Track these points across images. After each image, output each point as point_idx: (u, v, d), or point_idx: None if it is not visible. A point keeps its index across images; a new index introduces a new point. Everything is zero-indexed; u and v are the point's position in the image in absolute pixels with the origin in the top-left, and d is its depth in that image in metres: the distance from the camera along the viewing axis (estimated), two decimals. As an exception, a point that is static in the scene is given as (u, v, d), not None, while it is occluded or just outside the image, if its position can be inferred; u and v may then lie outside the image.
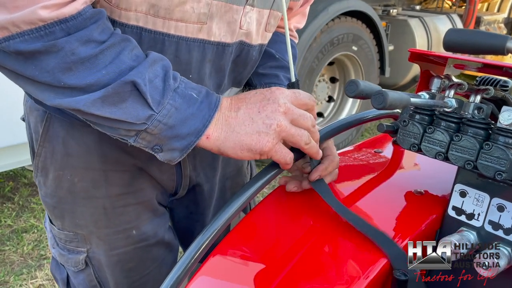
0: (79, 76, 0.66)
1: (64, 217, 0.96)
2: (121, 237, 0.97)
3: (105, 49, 0.66)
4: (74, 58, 0.65)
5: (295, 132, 0.75)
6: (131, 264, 1.01)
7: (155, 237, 1.02)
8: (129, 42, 0.70)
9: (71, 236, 0.98)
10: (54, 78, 0.66)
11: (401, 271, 0.71)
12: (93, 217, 0.94)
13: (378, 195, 0.90)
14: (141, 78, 0.67)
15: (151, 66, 0.69)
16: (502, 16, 6.26)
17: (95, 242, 0.97)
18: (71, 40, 0.64)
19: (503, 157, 0.68)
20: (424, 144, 0.77)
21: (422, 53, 0.83)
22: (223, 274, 0.75)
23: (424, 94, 0.77)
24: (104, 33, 0.67)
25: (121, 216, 0.95)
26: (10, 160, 2.88)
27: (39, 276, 2.57)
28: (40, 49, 0.63)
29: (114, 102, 0.67)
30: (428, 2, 5.95)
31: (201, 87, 0.75)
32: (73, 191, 0.92)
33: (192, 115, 0.71)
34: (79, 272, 1.02)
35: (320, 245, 0.77)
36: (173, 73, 0.71)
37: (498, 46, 0.72)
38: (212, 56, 0.84)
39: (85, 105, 0.67)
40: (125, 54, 0.68)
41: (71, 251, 1.00)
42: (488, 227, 0.74)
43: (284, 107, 0.74)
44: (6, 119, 2.75)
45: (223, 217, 0.78)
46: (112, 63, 0.67)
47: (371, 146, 1.14)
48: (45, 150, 0.91)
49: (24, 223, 3.06)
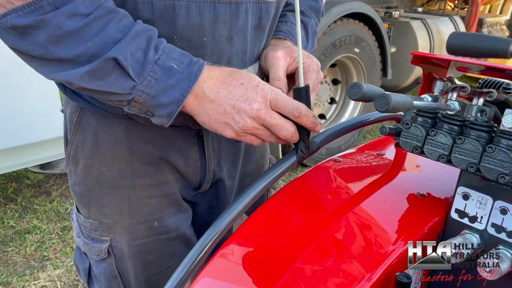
0: (67, 48, 0.71)
1: (91, 205, 1.00)
2: (143, 228, 1.00)
3: (90, 22, 0.70)
4: (61, 32, 0.69)
5: (261, 133, 0.80)
6: (151, 256, 1.03)
7: (176, 231, 1.04)
8: (115, 13, 0.73)
9: (96, 224, 1.01)
10: (46, 51, 0.71)
11: (404, 274, 0.71)
12: (118, 206, 0.98)
13: (381, 198, 0.90)
14: (122, 54, 0.72)
15: (133, 39, 0.73)
16: (505, 18, 6.25)
17: (119, 231, 1.01)
18: (57, 14, 0.69)
19: (506, 160, 0.68)
20: (427, 146, 0.77)
21: (424, 56, 0.83)
22: (226, 275, 0.75)
23: (427, 97, 0.77)
24: (91, 6, 0.71)
25: (144, 207, 0.98)
26: (13, 161, 2.89)
27: (41, 277, 2.57)
28: (31, 24, 0.69)
29: (100, 76, 0.73)
30: (430, 4, 5.95)
31: (186, 56, 0.77)
32: (100, 179, 0.96)
33: (171, 86, 0.75)
34: (101, 261, 1.05)
35: (323, 247, 0.77)
36: (155, 44, 0.75)
37: (502, 49, 0.72)
38: (226, 16, 0.84)
39: (75, 79, 0.73)
40: (111, 26, 0.72)
41: (95, 239, 1.03)
42: (491, 229, 0.74)
43: (255, 113, 0.77)
44: (9, 121, 2.76)
45: (225, 219, 0.78)
46: (97, 36, 0.71)
47: (373, 149, 1.14)
48: (76, 139, 0.96)
49: (27, 224, 3.07)
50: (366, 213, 0.85)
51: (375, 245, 0.76)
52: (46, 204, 3.31)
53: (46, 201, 3.35)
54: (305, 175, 1.00)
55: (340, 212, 0.85)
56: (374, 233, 0.80)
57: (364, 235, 0.79)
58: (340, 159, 1.05)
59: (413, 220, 0.82)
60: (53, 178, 3.67)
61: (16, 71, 2.72)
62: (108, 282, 1.08)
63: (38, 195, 3.43)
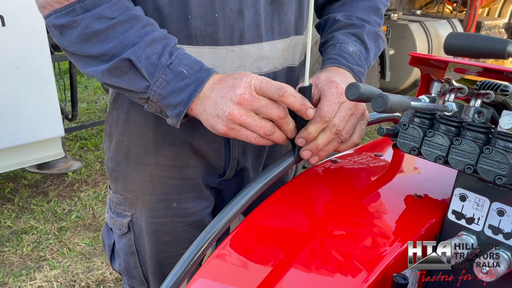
0: (94, 46, 0.81)
1: (118, 180, 1.08)
2: (162, 207, 1.06)
3: (114, 25, 0.80)
4: (88, 31, 0.80)
5: (251, 122, 0.80)
6: (167, 237, 1.08)
7: (194, 216, 1.08)
8: (138, 20, 0.82)
9: (121, 199, 1.10)
10: (78, 48, 0.83)
11: (401, 275, 0.71)
12: (140, 182, 1.05)
13: (378, 199, 0.90)
14: (136, 56, 0.80)
15: (150, 44, 0.81)
16: (503, 21, 6.27)
17: (139, 207, 1.07)
18: (86, 16, 0.80)
19: (503, 161, 0.68)
20: (424, 147, 0.77)
21: (422, 57, 0.83)
22: (222, 276, 0.74)
23: (425, 98, 0.77)
24: (117, 11, 0.81)
25: (165, 186, 1.04)
26: (10, 161, 2.89)
27: (38, 277, 2.56)
28: (66, 24, 0.81)
29: (118, 74, 0.83)
30: (429, 7, 5.97)
31: (197, 63, 0.84)
32: (128, 155, 1.04)
33: (179, 88, 0.82)
34: (122, 236, 1.12)
35: (320, 248, 0.77)
36: (170, 50, 0.82)
37: (499, 50, 0.72)
38: None
39: (98, 74, 0.84)
40: (132, 31, 0.81)
41: (119, 214, 1.11)
42: (488, 231, 0.74)
43: (238, 98, 0.78)
44: (7, 121, 2.75)
45: (222, 220, 0.78)
46: (118, 38, 0.81)
47: (371, 150, 1.14)
48: (112, 117, 1.04)
49: (23, 224, 3.06)
50: (363, 214, 0.85)
51: (372, 246, 0.76)
52: (43, 204, 3.30)
53: (43, 201, 3.34)
54: (303, 175, 0.99)
55: (337, 213, 0.85)
56: (371, 234, 0.80)
57: (361, 236, 0.79)
58: (338, 160, 1.05)
59: (410, 221, 0.82)
60: (50, 179, 3.66)
61: (14, 70, 2.72)
62: (126, 258, 1.14)
63: (35, 195, 3.42)
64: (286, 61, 1.03)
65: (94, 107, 5.38)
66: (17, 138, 2.82)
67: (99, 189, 3.53)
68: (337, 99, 0.84)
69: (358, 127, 0.89)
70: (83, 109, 5.25)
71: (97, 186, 3.60)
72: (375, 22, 1.09)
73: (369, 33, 1.05)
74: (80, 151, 4.21)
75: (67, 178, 3.67)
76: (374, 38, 1.07)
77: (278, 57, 1.00)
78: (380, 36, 1.10)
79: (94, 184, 3.62)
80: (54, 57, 3.16)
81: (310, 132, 0.83)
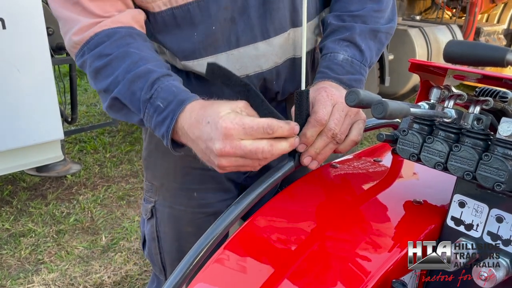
0: (100, 83, 0.88)
1: (149, 168, 1.20)
2: (184, 195, 1.14)
3: (111, 62, 0.86)
4: (92, 69, 0.88)
5: (242, 163, 0.78)
6: (189, 228, 1.16)
7: (214, 207, 1.14)
8: (130, 56, 0.86)
9: (149, 186, 1.20)
10: (93, 84, 0.91)
11: (400, 281, 0.71)
12: (166, 170, 1.14)
13: (377, 204, 0.90)
14: (120, 94, 0.86)
15: (133, 81, 0.85)
16: (502, 27, 6.29)
17: (163, 194, 1.17)
18: (90, 56, 0.88)
19: (502, 168, 0.68)
20: (423, 154, 0.77)
21: (422, 63, 0.83)
22: (221, 280, 0.74)
23: (424, 104, 0.78)
24: (115, 48, 0.86)
25: (186, 175, 1.12)
26: (9, 163, 2.88)
27: (35, 280, 2.55)
28: (81, 64, 0.91)
29: (116, 109, 0.90)
30: (428, 13, 5.99)
31: (172, 94, 0.84)
32: (158, 146, 1.13)
33: (159, 122, 0.84)
34: (147, 221, 1.22)
35: (318, 254, 0.77)
36: (152, 84, 0.84)
37: (498, 58, 0.72)
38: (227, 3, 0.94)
39: (106, 110, 0.91)
40: (124, 67, 0.85)
41: (146, 200, 1.23)
42: (486, 237, 0.74)
43: (220, 152, 0.76)
44: (6, 124, 2.75)
45: (221, 224, 0.78)
46: (114, 75, 0.86)
47: (370, 155, 1.14)
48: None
49: (22, 227, 3.05)
50: (362, 220, 0.85)
51: (371, 252, 0.76)
52: (41, 207, 3.29)
53: (41, 204, 3.34)
54: (302, 180, 1.00)
55: (336, 219, 0.85)
56: (370, 239, 0.80)
57: (360, 241, 0.79)
58: (337, 165, 1.05)
59: (410, 227, 0.82)
60: (49, 181, 3.65)
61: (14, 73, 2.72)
62: (149, 244, 1.24)
63: (33, 198, 3.42)
64: (286, 54, 1.04)
65: (94, 110, 5.38)
66: (17, 140, 2.81)
67: (97, 192, 3.53)
68: (329, 101, 0.84)
69: (355, 126, 0.89)
70: (83, 112, 5.25)
71: (95, 189, 3.59)
72: (371, 11, 1.02)
73: (362, 33, 1.00)
74: (79, 154, 4.21)
75: (66, 181, 3.66)
76: (370, 36, 1.02)
77: (276, 53, 1.02)
78: (379, 31, 1.03)
79: (93, 187, 3.61)
80: (54, 60, 3.16)
81: (308, 136, 0.83)
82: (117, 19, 0.89)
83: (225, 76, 0.82)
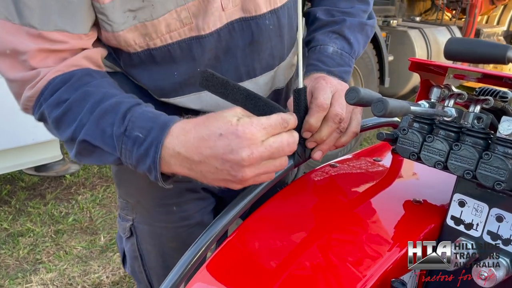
0: (63, 132, 0.79)
1: (121, 185, 1.10)
2: (163, 211, 1.06)
3: (71, 106, 0.76)
4: (53, 119, 0.78)
5: (266, 168, 0.72)
6: (173, 243, 1.08)
7: (197, 217, 1.08)
8: (91, 96, 0.77)
9: (124, 204, 1.11)
10: (57, 135, 0.81)
11: (399, 281, 0.71)
12: (140, 186, 1.04)
13: (377, 204, 0.89)
14: (89, 135, 0.75)
15: (101, 118, 0.75)
16: (502, 29, 6.30)
17: (140, 211, 1.08)
18: (46, 106, 0.78)
19: (502, 167, 0.68)
20: (423, 152, 0.77)
21: (422, 62, 0.83)
22: (219, 280, 0.74)
23: (424, 103, 0.77)
24: (73, 91, 0.77)
25: (162, 190, 0.96)
26: (8, 163, 2.88)
27: (34, 280, 2.55)
28: (39, 118, 0.82)
29: (87, 154, 0.79)
30: (428, 14, 6.00)
31: (150, 120, 0.74)
32: None
33: (142, 155, 0.73)
34: (127, 240, 1.14)
35: (317, 254, 0.77)
36: (123, 115, 0.74)
37: (499, 55, 0.72)
38: (211, 45, 0.88)
39: (74, 158, 0.81)
40: (87, 108, 0.76)
41: (123, 218, 1.13)
42: (486, 237, 0.73)
43: (249, 161, 0.68)
44: (5, 123, 2.75)
45: (220, 224, 0.77)
46: (76, 120, 0.76)
47: (370, 155, 1.14)
48: None
49: (20, 227, 3.05)
50: (361, 219, 0.85)
51: (371, 252, 0.76)
52: (40, 207, 3.29)
53: (40, 203, 3.33)
54: (301, 180, 0.99)
55: (335, 218, 0.85)
56: (370, 239, 0.79)
57: (359, 241, 0.79)
58: (337, 164, 1.05)
59: (409, 227, 0.82)
60: (48, 181, 3.65)
61: (13, 72, 2.71)
62: (131, 262, 1.15)
63: (32, 198, 3.41)
64: (271, 88, 1.03)
65: (93, 110, 5.37)
66: (15, 140, 2.81)
67: (96, 192, 3.52)
68: (328, 88, 0.83)
69: (353, 117, 0.88)
70: (82, 112, 5.24)
71: (94, 189, 3.59)
72: (360, 10, 1.05)
73: (351, 26, 1.02)
74: (78, 154, 4.20)
75: (65, 181, 3.66)
76: (359, 29, 1.04)
77: (261, 90, 1.00)
78: (366, 24, 1.06)
79: (92, 187, 3.61)
80: (54, 60, 3.15)
81: (312, 123, 0.81)
82: (71, 63, 0.80)
83: (221, 84, 0.77)
